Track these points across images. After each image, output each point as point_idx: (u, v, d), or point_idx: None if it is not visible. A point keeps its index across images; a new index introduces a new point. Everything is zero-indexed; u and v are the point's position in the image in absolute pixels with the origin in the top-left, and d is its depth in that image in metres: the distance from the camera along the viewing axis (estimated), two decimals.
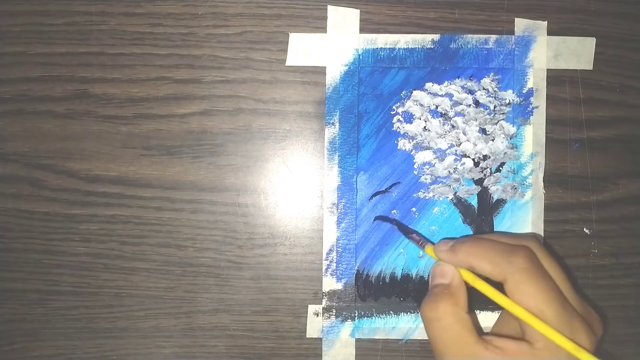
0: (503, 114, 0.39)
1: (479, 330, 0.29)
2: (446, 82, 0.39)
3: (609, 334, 0.40)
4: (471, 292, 0.31)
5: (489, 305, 0.38)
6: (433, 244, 0.33)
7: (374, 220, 0.39)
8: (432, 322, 0.30)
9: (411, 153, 0.39)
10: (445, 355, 0.29)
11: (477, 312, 0.39)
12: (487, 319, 0.38)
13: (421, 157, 0.39)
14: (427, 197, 0.39)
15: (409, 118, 0.39)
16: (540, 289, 0.28)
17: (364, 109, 0.39)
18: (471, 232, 0.39)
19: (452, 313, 0.29)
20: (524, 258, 0.28)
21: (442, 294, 0.30)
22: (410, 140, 0.39)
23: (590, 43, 0.39)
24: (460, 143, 0.39)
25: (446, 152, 0.39)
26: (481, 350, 0.28)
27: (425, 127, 0.39)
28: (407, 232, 0.36)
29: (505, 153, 0.39)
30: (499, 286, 0.30)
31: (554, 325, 0.27)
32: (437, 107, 0.39)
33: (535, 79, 0.39)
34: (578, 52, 0.39)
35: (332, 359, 0.39)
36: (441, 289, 0.30)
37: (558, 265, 0.31)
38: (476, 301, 0.30)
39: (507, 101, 0.39)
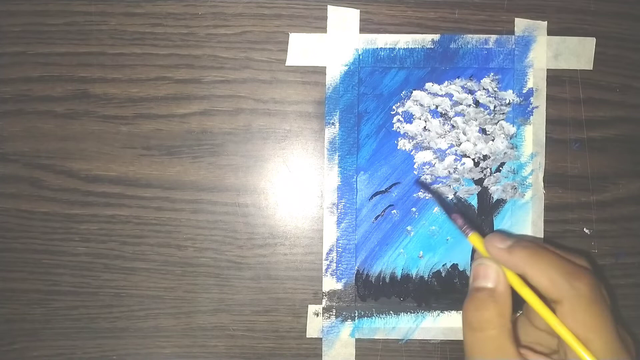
0: (503, 114, 0.39)
1: (518, 342, 0.28)
2: (446, 82, 0.39)
3: None
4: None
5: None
6: (478, 231, 0.30)
7: (415, 182, 0.36)
8: (474, 330, 0.28)
9: (411, 153, 0.39)
10: None
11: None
12: None
13: (421, 157, 0.39)
14: (427, 197, 0.39)
15: (409, 118, 0.39)
16: (596, 319, 0.27)
17: (364, 109, 0.39)
18: None
19: (498, 324, 0.28)
20: (587, 285, 0.27)
21: (487, 300, 0.28)
22: (410, 140, 0.39)
23: (590, 43, 0.39)
24: (460, 143, 0.39)
25: (446, 152, 0.39)
26: None
27: (425, 127, 0.39)
28: (450, 211, 0.34)
29: (505, 153, 0.39)
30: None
31: (600, 356, 0.26)
32: (437, 107, 0.39)
33: (535, 79, 0.39)
34: (578, 52, 0.39)
35: (332, 359, 0.39)
36: (486, 295, 0.28)
37: (606, 290, 0.29)
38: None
39: (507, 101, 0.39)
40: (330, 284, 0.39)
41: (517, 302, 0.29)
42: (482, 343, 0.28)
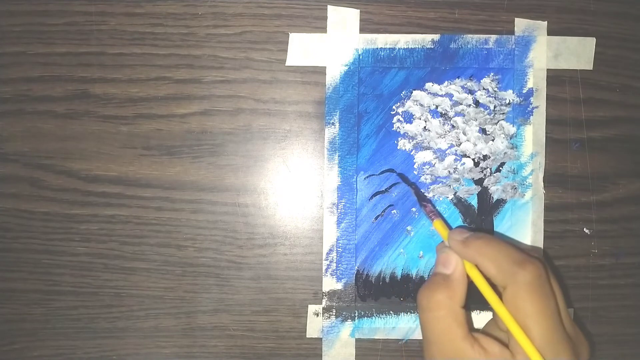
0: (503, 114, 0.39)
1: (470, 327, 0.30)
2: (446, 82, 0.39)
3: (609, 334, 0.40)
4: (474, 288, 0.31)
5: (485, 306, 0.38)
6: (444, 220, 0.33)
7: (397, 173, 0.38)
8: (425, 311, 0.30)
9: (411, 153, 0.39)
10: (432, 345, 0.30)
11: (479, 312, 0.39)
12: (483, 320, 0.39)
13: (421, 157, 0.39)
14: (427, 197, 0.39)
15: (409, 118, 0.39)
16: (535, 308, 0.28)
17: (364, 109, 0.39)
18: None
19: (446, 305, 0.29)
20: (531, 273, 0.28)
21: (440, 284, 0.30)
22: (410, 140, 0.39)
23: (590, 43, 0.39)
24: (460, 143, 0.39)
25: (446, 152, 0.39)
26: (467, 346, 0.28)
27: (425, 127, 0.39)
28: (422, 199, 0.36)
29: (505, 153, 0.39)
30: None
31: (538, 344, 0.27)
32: (437, 107, 0.39)
33: (535, 79, 0.39)
34: (578, 52, 0.39)
35: (332, 359, 0.39)
36: (440, 279, 0.31)
37: (558, 284, 0.31)
38: (481, 301, 0.30)
39: (507, 101, 0.39)
40: (330, 284, 0.39)
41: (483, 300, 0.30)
42: (431, 322, 0.30)
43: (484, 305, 0.39)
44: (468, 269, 0.31)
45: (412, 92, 0.39)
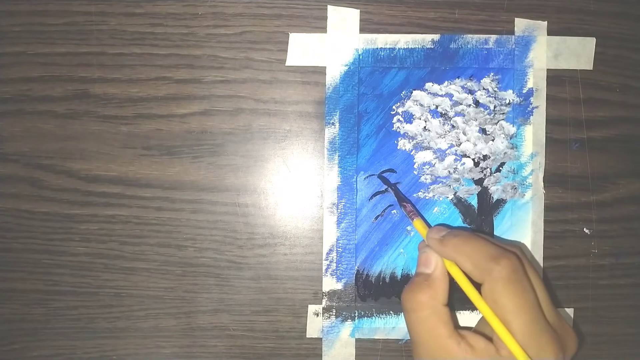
0: (503, 114, 0.39)
1: (456, 324, 0.30)
2: (446, 82, 0.39)
3: (609, 334, 0.40)
4: (457, 286, 0.31)
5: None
6: (424, 219, 0.33)
7: (377, 175, 0.38)
8: (409, 312, 0.30)
9: (411, 153, 0.39)
10: (419, 345, 0.30)
11: (469, 312, 0.39)
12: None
13: (421, 157, 0.39)
14: (427, 197, 0.39)
15: (409, 118, 0.39)
16: (513, 302, 0.28)
17: (364, 109, 0.39)
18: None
19: (429, 305, 0.30)
20: (506, 267, 0.28)
21: (422, 284, 0.30)
22: (410, 140, 0.39)
23: (590, 43, 0.39)
24: (460, 143, 0.39)
25: (446, 152, 0.39)
26: (453, 344, 0.29)
27: (425, 127, 0.39)
28: (401, 199, 0.37)
29: (505, 153, 0.39)
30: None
31: (520, 338, 0.27)
32: (437, 107, 0.39)
33: (535, 79, 0.39)
34: (578, 52, 0.39)
35: (332, 359, 0.39)
36: (422, 279, 0.31)
37: (539, 277, 0.31)
38: (468, 300, 0.30)
39: (507, 101, 0.39)
40: (330, 284, 0.39)
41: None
42: (415, 323, 0.30)
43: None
44: (448, 267, 0.31)
45: (412, 92, 0.39)
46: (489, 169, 0.39)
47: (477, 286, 0.30)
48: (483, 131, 0.39)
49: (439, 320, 0.29)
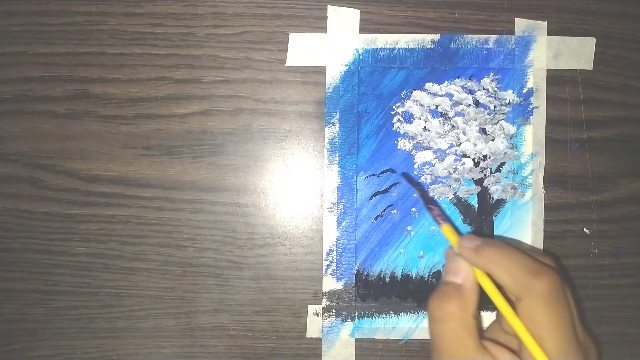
0: (503, 114, 0.39)
1: (480, 334, 0.29)
2: (446, 82, 0.39)
3: (609, 334, 0.40)
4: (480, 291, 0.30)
5: (490, 305, 0.38)
6: (452, 224, 0.32)
7: (402, 174, 0.38)
8: (436, 321, 0.29)
9: (411, 153, 0.39)
10: (441, 354, 0.29)
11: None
12: (487, 319, 0.38)
13: (421, 157, 0.39)
14: (433, 200, 0.39)
15: (409, 118, 0.39)
16: (551, 320, 0.27)
17: (364, 109, 0.39)
18: (471, 232, 0.39)
19: (459, 317, 0.28)
20: (547, 284, 0.27)
21: (452, 294, 0.29)
22: (410, 140, 0.39)
23: (590, 43, 0.39)
24: (460, 143, 0.39)
25: (446, 152, 0.39)
26: (478, 357, 0.28)
27: (425, 127, 0.39)
28: (428, 202, 0.35)
29: (505, 153, 0.39)
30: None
31: (553, 356, 0.27)
32: (437, 107, 0.39)
33: (535, 79, 0.39)
34: (578, 52, 0.39)
35: (332, 359, 0.39)
36: (452, 289, 0.29)
37: (572, 293, 0.30)
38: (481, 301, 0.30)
39: (507, 101, 0.39)
40: (330, 284, 0.39)
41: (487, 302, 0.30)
42: (442, 333, 0.29)
43: (485, 305, 0.39)
44: (479, 278, 0.29)
45: (412, 92, 0.39)
46: (489, 169, 0.39)
47: (506, 297, 0.29)
48: (483, 131, 0.39)
49: (467, 333, 0.28)
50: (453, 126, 0.39)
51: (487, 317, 0.39)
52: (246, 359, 0.40)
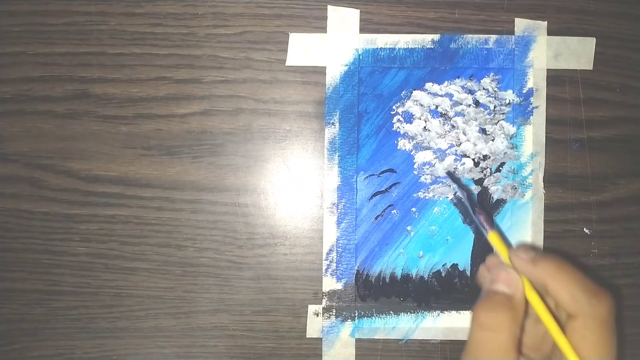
0: (503, 114, 0.39)
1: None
2: (446, 82, 0.39)
3: None
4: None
5: None
6: (500, 231, 0.31)
7: (447, 172, 0.37)
8: (484, 329, 0.28)
9: (411, 153, 0.39)
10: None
11: (470, 312, 0.39)
12: None
13: (421, 157, 0.39)
14: (427, 197, 0.39)
15: (409, 118, 0.39)
16: (603, 343, 0.27)
17: (364, 109, 0.39)
18: (471, 232, 0.39)
19: (509, 328, 0.28)
20: (605, 306, 0.27)
21: (504, 304, 0.29)
22: (410, 140, 0.39)
23: (590, 43, 0.39)
24: (460, 143, 0.39)
25: (446, 152, 0.39)
26: None
27: (425, 127, 0.39)
28: (475, 205, 0.35)
29: (505, 153, 0.39)
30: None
31: None
32: (437, 107, 0.39)
33: (535, 79, 0.39)
34: (578, 52, 0.39)
35: (332, 359, 0.39)
36: (503, 299, 0.29)
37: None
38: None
39: (507, 101, 0.39)
40: (330, 284, 0.39)
41: None
42: (489, 342, 0.28)
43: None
44: (527, 291, 0.29)
45: (412, 92, 0.39)
46: (489, 169, 0.39)
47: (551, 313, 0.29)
48: (483, 131, 0.39)
49: (512, 344, 0.28)
50: (453, 126, 0.39)
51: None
52: (246, 359, 0.40)
